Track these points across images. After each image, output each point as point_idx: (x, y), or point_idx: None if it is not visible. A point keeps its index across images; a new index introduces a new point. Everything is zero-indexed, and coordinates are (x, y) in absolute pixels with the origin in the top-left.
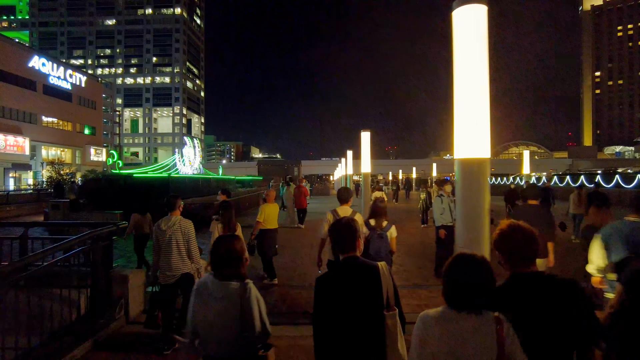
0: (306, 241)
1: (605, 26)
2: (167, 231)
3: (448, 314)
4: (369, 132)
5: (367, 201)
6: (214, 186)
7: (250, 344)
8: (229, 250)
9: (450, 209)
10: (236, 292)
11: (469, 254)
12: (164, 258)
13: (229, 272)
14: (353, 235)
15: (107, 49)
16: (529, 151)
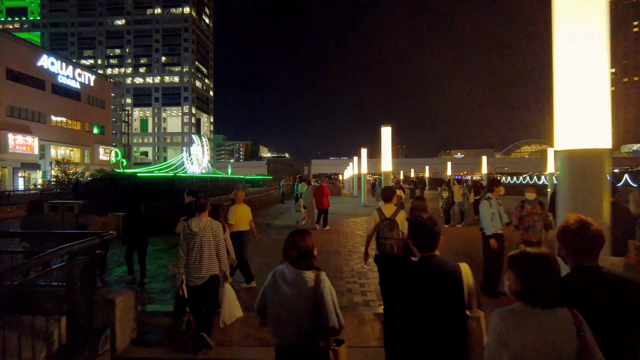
0: (330, 247)
1: (620, 22)
2: (199, 233)
3: (525, 310)
4: (389, 127)
5: None
6: (223, 186)
7: (322, 335)
8: (304, 243)
9: (499, 213)
10: (311, 281)
11: (539, 251)
12: (194, 260)
13: (304, 263)
14: (435, 233)
15: (117, 49)
16: (543, 149)
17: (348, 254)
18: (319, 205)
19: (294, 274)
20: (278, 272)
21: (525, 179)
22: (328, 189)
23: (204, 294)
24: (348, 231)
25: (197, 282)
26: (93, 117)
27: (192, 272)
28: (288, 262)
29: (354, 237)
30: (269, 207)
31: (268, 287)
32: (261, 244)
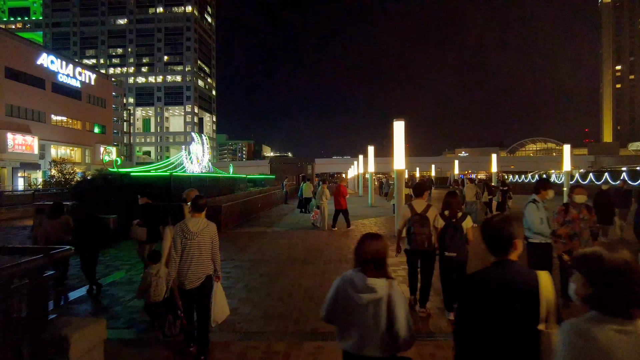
0: (341, 254)
1: (626, 19)
2: (197, 234)
3: (603, 320)
4: (402, 121)
5: (401, 200)
6: (224, 186)
7: (393, 347)
8: (378, 248)
9: (548, 219)
10: (383, 290)
11: (617, 255)
12: (191, 262)
13: (376, 270)
14: (510, 236)
15: (119, 49)
16: (548, 147)
17: None
18: (336, 205)
19: (364, 281)
20: (346, 278)
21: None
22: (345, 188)
23: (198, 296)
24: (358, 235)
25: (195, 283)
26: (94, 117)
27: (189, 275)
28: (358, 269)
29: None
30: (272, 207)
31: (337, 294)
32: (263, 251)
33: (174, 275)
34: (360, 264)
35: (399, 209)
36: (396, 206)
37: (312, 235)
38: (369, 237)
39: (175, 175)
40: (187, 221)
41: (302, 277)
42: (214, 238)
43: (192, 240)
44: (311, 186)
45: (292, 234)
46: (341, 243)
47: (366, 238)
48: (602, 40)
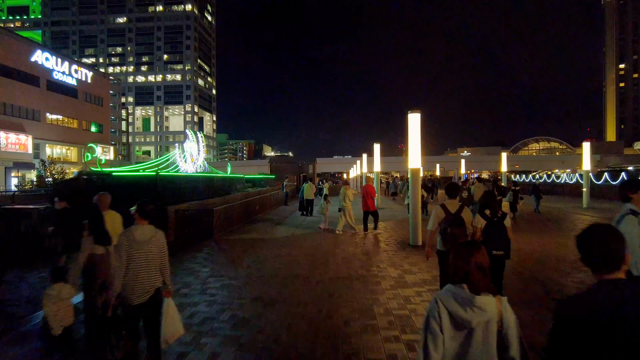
0: (349, 267)
1: (629, 17)
2: (145, 244)
3: None
4: (418, 113)
5: (417, 201)
6: (219, 186)
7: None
8: (481, 258)
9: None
10: (492, 309)
11: None
12: (138, 275)
13: (482, 285)
14: (622, 246)
15: (119, 47)
16: (551, 147)
17: (375, 281)
18: (364, 207)
19: (472, 300)
20: (443, 298)
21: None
22: (374, 189)
23: (146, 312)
24: (367, 243)
25: (143, 298)
26: (91, 115)
27: (136, 288)
28: (458, 285)
29: (378, 253)
30: (271, 209)
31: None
32: (258, 264)
33: (118, 289)
34: (462, 279)
35: (414, 207)
36: (411, 207)
37: (315, 244)
38: (467, 245)
39: (163, 175)
40: (133, 230)
41: (304, 301)
42: (163, 248)
43: (139, 251)
44: (313, 187)
45: (293, 241)
46: (348, 253)
47: (464, 247)
48: (606, 39)
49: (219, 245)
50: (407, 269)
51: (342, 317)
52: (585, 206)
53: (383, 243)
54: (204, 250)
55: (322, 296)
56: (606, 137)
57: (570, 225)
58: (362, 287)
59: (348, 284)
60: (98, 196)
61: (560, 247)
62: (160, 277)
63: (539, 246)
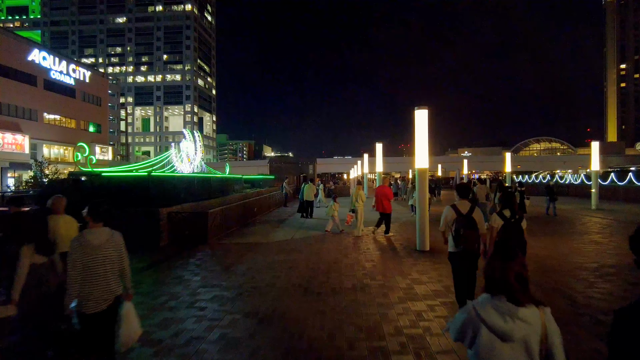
0: (351, 276)
1: (630, 16)
2: (101, 248)
3: None
4: (425, 109)
5: (425, 204)
6: (216, 187)
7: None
8: (521, 266)
9: None
10: (536, 321)
11: None
12: (95, 282)
13: (523, 295)
14: None
15: (118, 47)
16: (552, 147)
17: (382, 293)
18: (380, 208)
19: (514, 311)
20: (480, 308)
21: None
22: (390, 190)
23: (103, 322)
24: (371, 248)
25: (101, 306)
26: (89, 115)
27: (93, 296)
28: (496, 296)
29: (383, 259)
30: (270, 211)
31: (470, 334)
32: (254, 272)
33: (70, 300)
34: (500, 289)
35: (422, 211)
36: (418, 210)
37: (316, 249)
38: (504, 254)
39: (155, 175)
40: (86, 234)
41: (303, 317)
42: (122, 250)
43: (94, 256)
44: (314, 188)
45: (292, 246)
46: (351, 260)
47: (502, 254)
48: (607, 39)
49: (213, 250)
50: (416, 278)
51: (346, 337)
52: (594, 207)
53: (388, 248)
54: (197, 255)
55: (323, 311)
56: (607, 137)
57: (582, 228)
58: (367, 299)
59: (352, 296)
60: (52, 199)
61: (577, 253)
62: (121, 284)
63: (555, 251)
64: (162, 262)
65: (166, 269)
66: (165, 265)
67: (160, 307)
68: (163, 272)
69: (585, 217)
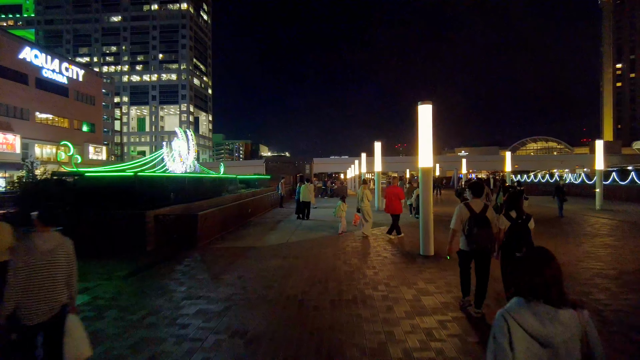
0: (352, 286)
1: (626, 16)
2: (48, 254)
3: None
4: (429, 104)
5: (429, 206)
6: (209, 188)
7: None
8: (557, 268)
9: None
10: (575, 323)
11: None
12: (40, 290)
13: (561, 298)
14: None
15: (113, 46)
16: (549, 146)
17: (386, 306)
18: (390, 209)
19: (554, 314)
20: (516, 315)
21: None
22: (402, 190)
23: (48, 333)
24: (372, 253)
25: (45, 316)
26: (82, 114)
27: (37, 306)
28: (531, 300)
29: (386, 266)
30: (265, 212)
31: (504, 341)
32: (245, 281)
33: (9, 309)
34: (536, 293)
35: (426, 213)
36: (422, 213)
37: (312, 254)
38: (538, 256)
39: (142, 175)
40: (32, 238)
41: (298, 336)
42: (71, 257)
43: (41, 262)
44: (312, 188)
45: (287, 250)
46: (350, 266)
47: (535, 258)
48: (603, 38)
49: (203, 255)
50: (423, 288)
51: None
52: (599, 208)
53: (389, 253)
54: (185, 261)
55: (320, 328)
56: (603, 136)
57: (591, 229)
58: (370, 314)
59: (353, 309)
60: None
61: (592, 258)
62: (66, 291)
63: (568, 256)
64: (146, 270)
65: (149, 278)
66: (149, 273)
67: (137, 324)
68: (146, 280)
69: (592, 217)
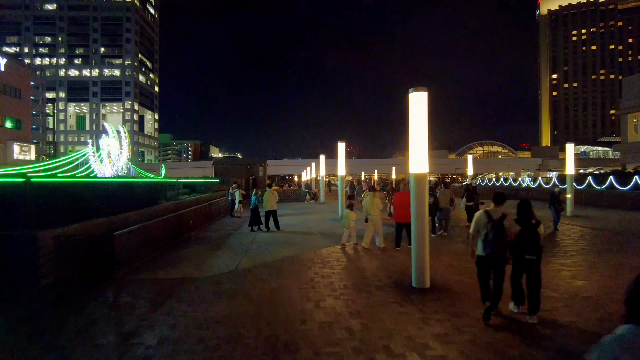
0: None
1: (561, 31)
2: None
3: None
4: (424, 91)
5: (423, 220)
6: (141, 195)
7: None
8: None
9: None
10: None
11: None
12: None
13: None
14: None
15: (47, 37)
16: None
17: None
18: (399, 217)
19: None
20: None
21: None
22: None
23: None
24: (349, 284)
25: None
26: (5, 108)
27: None
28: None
29: (375, 309)
30: (211, 223)
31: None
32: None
33: None
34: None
35: (419, 233)
36: (414, 228)
37: (270, 290)
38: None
39: (38, 181)
40: None
41: None
42: None
43: None
44: (276, 195)
45: (236, 283)
46: (327, 312)
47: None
48: (540, 50)
49: (116, 296)
50: (440, 354)
51: None
52: (570, 214)
53: (374, 285)
54: (88, 308)
55: None
56: (541, 141)
57: (585, 242)
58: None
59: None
60: None
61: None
62: None
63: (595, 283)
64: (25, 324)
65: (25, 340)
66: (28, 331)
67: None
68: (15, 347)
69: (572, 227)
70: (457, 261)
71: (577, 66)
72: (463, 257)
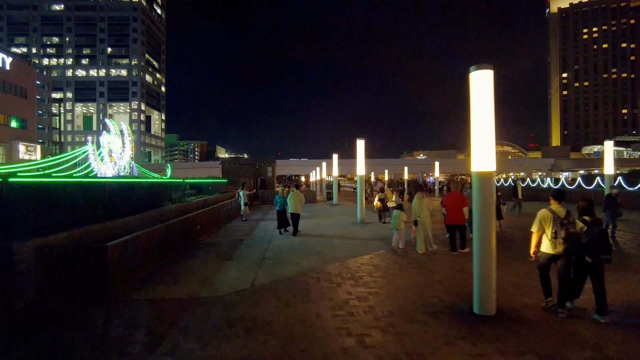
0: None
1: (571, 29)
2: None
3: None
4: (490, 69)
5: (489, 228)
6: (143, 198)
7: None
8: None
9: None
10: None
11: None
12: None
13: None
14: None
15: (55, 37)
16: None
17: None
18: (453, 219)
19: None
20: None
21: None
22: (465, 197)
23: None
24: (394, 311)
25: None
26: (10, 108)
27: None
28: None
29: (436, 353)
30: (219, 227)
31: None
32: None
33: None
34: None
35: (485, 243)
36: (477, 234)
37: (296, 317)
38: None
39: (17, 181)
40: None
41: None
42: None
43: None
44: (302, 197)
45: (252, 307)
46: (376, 354)
47: None
48: (550, 49)
49: (107, 324)
50: None
51: None
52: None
53: (426, 312)
54: (65, 344)
55: None
56: (551, 142)
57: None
58: None
59: None
60: None
61: None
62: None
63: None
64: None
65: None
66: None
67: None
68: None
69: (621, 232)
70: (515, 276)
71: (587, 65)
72: (519, 271)
